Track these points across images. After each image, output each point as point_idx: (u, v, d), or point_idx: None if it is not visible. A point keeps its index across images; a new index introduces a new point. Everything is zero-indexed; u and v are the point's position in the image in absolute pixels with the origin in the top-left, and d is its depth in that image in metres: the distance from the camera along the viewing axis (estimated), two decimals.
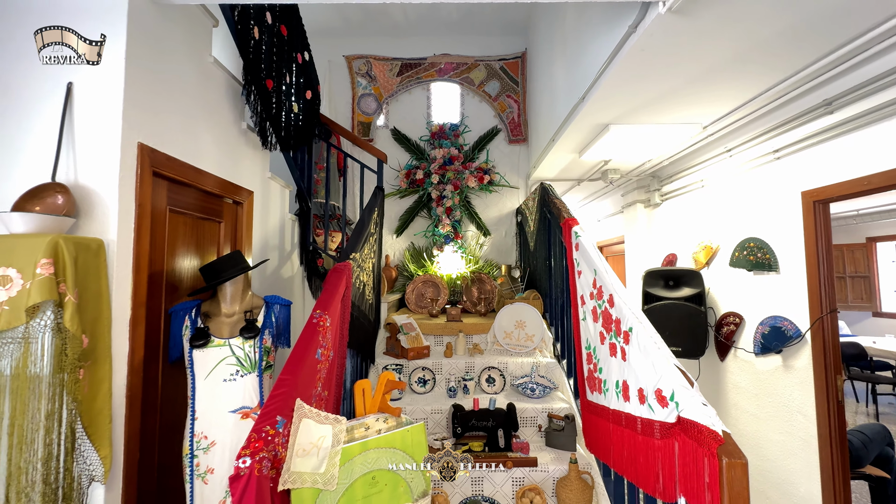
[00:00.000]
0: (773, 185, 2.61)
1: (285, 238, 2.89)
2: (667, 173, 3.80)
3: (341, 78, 4.37)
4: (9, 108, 1.42)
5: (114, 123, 1.41)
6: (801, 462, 2.40)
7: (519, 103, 4.38)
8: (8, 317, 1.17)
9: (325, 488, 1.29)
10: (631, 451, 1.58)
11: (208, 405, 1.54)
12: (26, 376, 1.17)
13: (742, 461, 1.06)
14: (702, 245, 3.30)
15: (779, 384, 2.57)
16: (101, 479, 1.28)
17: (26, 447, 1.15)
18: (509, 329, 2.89)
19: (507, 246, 4.35)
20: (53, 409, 1.17)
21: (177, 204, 1.76)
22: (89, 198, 1.39)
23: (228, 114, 2.13)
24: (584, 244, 2.11)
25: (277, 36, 2.39)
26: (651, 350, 1.46)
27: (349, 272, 1.98)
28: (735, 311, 2.94)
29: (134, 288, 1.46)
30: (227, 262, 1.68)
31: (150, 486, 1.58)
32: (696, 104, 2.47)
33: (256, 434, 1.15)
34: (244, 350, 1.61)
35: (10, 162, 1.41)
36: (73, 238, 1.26)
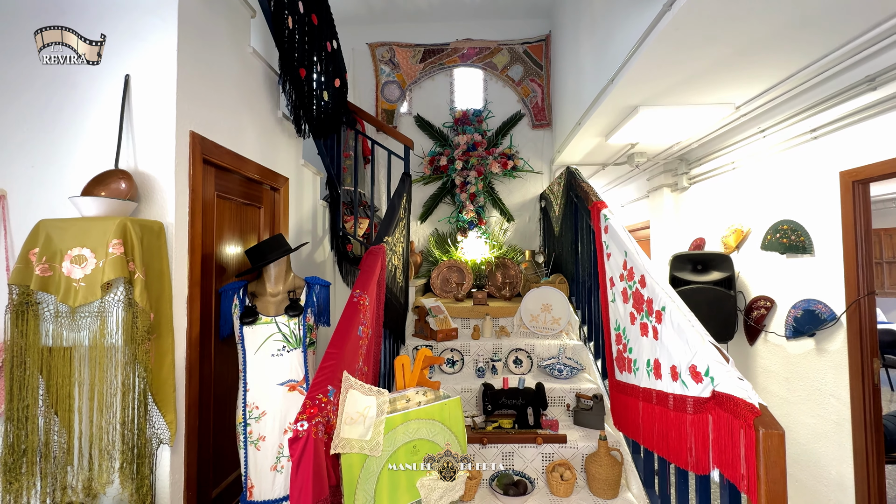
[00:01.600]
0: (810, 166, 2.55)
1: (317, 224, 2.99)
2: (696, 156, 3.73)
3: (365, 66, 4.41)
4: (68, 100, 1.52)
5: (168, 113, 1.50)
6: (833, 445, 2.39)
7: (543, 87, 4.34)
8: (84, 293, 1.28)
9: (371, 454, 1.38)
10: (662, 427, 1.61)
11: (258, 378, 1.65)
12: (103, 346, 1.28)
13: (779, 431, 1.09)
14: (732, 228, 3.25)
15: (811, 368, 2.55)
16: (168, 442, 1.40)
17: (106, 410, 1.27)
18: (535, 312, 2.93)
19: (530, 231, 4.36)
20: (127, 377, 1.29)
21: (223, 190, 1.85)
22: (149, 183, 1.49)
23: (266, 102, 2.21)
24: (613, 226, 2.12)
25: (309, 25, 2.45)
26: (685, 328, 1.49)
27: (384, 254, 2.05)
28: (766, 295, 2.90)
29: (190, 268, 1.56)
30: (272, 244, 1.77)
31: (207, 451, 1.71)
32: (729, 84, 2.43)
33: (311, 401, 1.24)
34: (289, 327, 1.70)
35: (71, 150, 1.51)
36: (138, 220, 1.36)
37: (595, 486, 1.92)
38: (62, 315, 1.30)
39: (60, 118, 1.50)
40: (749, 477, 1.13)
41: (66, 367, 1.30)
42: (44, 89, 1.51)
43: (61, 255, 1.30)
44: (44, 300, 1.31)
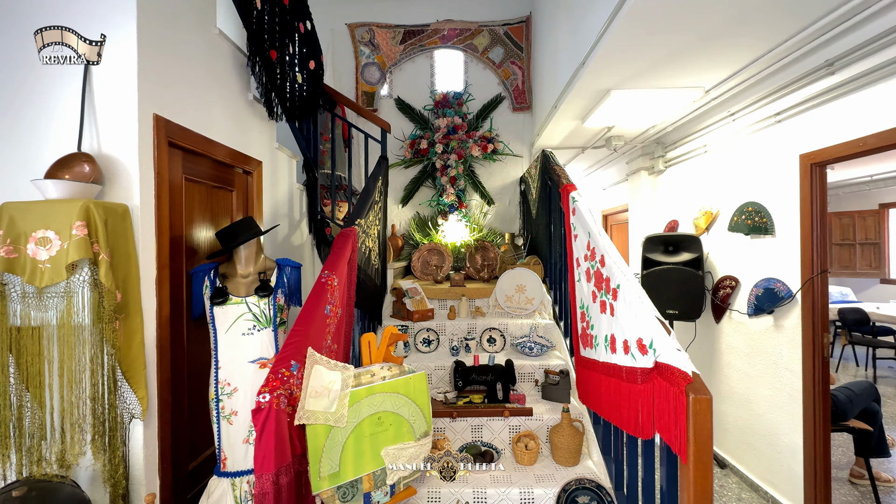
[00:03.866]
0: (773, 149, 2.62)
1: (294, 207, 3.01)
2: (671, 139, 3.79)
3: (344, 47, 4.36)
4: (33, 86, 1.52)
5: (130, 96, 1.51)
6: (786, 415, 2.53)
7: (523, 70, 4.34)
8: (50, 273, 1.31)
9: (336, 425, 1.45)
10: (615, 398, 1.71)
11: (230, 356, 1.71)
12: (70, 326, 1.32)
13: (707, 396, 1.18)
14: (702, 211, 3.34)
15: (770, 343, 2.68)
16: (139, 417, 1.46)
17: (75, 386, 1.32)
18: (510, 293, 3.01)
19: (510, 214, 4.41)
20: (96, 355, 1.33)
21: (192, 173, 1.87)
22: (113, 166, 1.51)
23: (235, 85, 2.20)
24: (580, 209, 2.18)
25: (279, 5, 2.42)
26: (635, 304, 1.57)
27: (355, 237, 2.09)
28: (731, 275, 3.01)
29: (157, 250, 1.59)
30: (241, 226, 1.81)
31: (182, 425, 1.77)
32: (697, 68, 2.47)
33: (274, 375, 1.30)
34: (259, 307, 1.75)
35: (37, 136, 1.52)
36: (101, 203, 1.39)
37: (558, 455, 2.02)
38: (29, 296, 1.34)
39: (21, 101, 1.50)
40: (680, 438, 1.23)
41: (35, 346, 1.34)
42: (2, 71, 1.50)
43: (25, 237, 1.32)
44: (10, 281, 1.34)
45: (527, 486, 1.83)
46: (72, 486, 1.36)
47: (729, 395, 3.06)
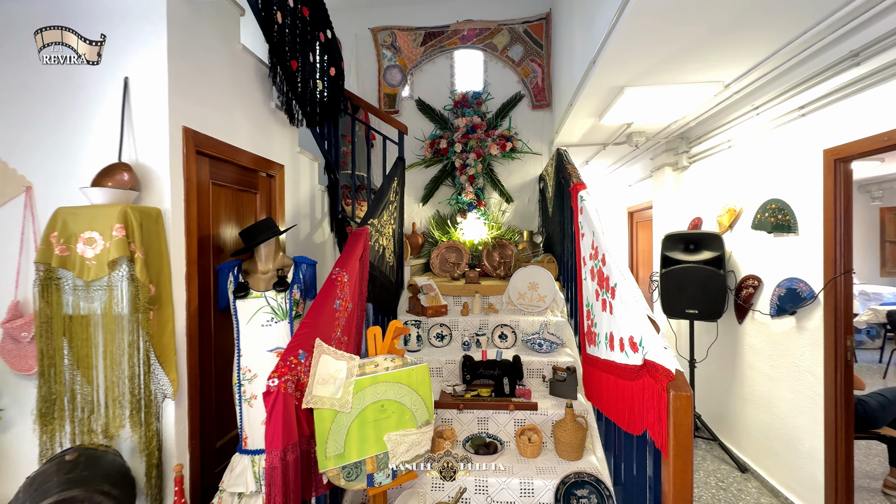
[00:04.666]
0: (797, 144, 2.52)
1: (315, 207, 3.18)
2: (695, 134, 3.69)
3: (367, 51, 4.51)
4: (75, 101, 1.72)
5: (162, 110, 1.68)
6: (808, 419, 2.45)
7: (543, 67, 4.33)
8: (95, 269, 1.51)
9: (341, 410, 1.58)
10: (613, 394, 1.75)
11: (250, 345, 1.87)
12: (112, 315, 1.52)
13: (686, 394, 1.21)
14: (725, 208, 3.24)
15: (792, 345, 2.59)
16: (171, 396, 1.64)
17: (116, 367, 1.51)
18: (523, 290, 3.06)
19: (529, 212, 4.43)
20: (133, 340, 1.52)
21: (218, 178, 2.05)
22: (148, 174, 1.69)
23: (258, 95, 2.37)
24: (587, 208, 2.21)
25: (300, 18, 2.57)
26: (629, 303, 1.60)
27: (366, 236, 2.22)
28: (754, 274, 2.92)
29: (186, 248, 1.77)
30: (261, 227, 1.97)
31: (209, 406, 1.96)
32: (714, 62, 2.41)
33: (283, 362, 1.44)
34: (277, 301, 1.91)
35: (78, 146, 1.72)
36: (137, 207, 1.57)
37: (560, 449, 2.07)
38: (79, 288, 1.54)
39: (70, 118, 1.72)
40: (662, 433, 1.26)
41: (84, 332, 1.55)
42: (51, 92, 1.72)
43: (76, 237, 1.52)
44: (63, 276, 1.55)
45: (527, 477, 1.90)
46: (114, 454, 1.56)
47: (751, 397, 2.98)
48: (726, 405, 3.29)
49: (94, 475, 1.37)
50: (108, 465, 1.46)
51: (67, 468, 1.37)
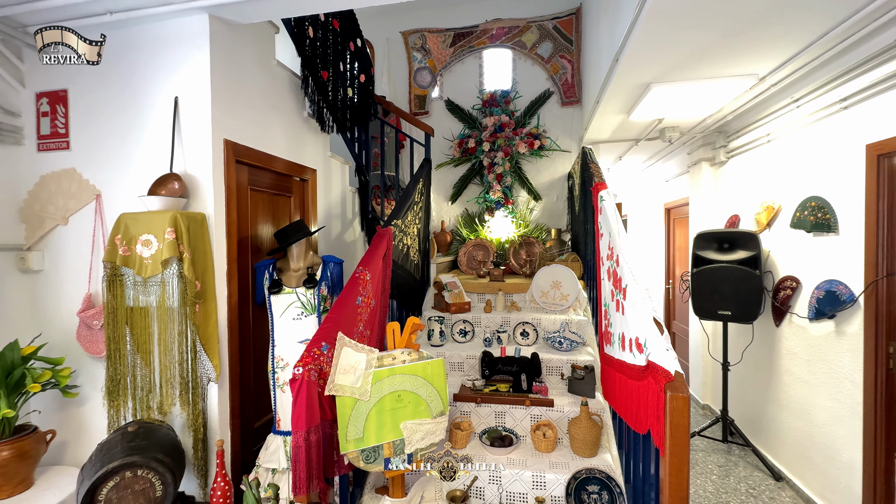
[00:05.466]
0: (838, 139, 2.39)
1: (347, 208, 3.36)
2: (733, 128, 3.53)
3: (398, 54, 4.64)
4: (137, 119, 1.96)
5: (206, 126, 1.89)
6: (847, 429, 2.34)
7: (573, 63, 4.28)
8: (151, 267, 1.73)
9: (361, 398, 1.72)
10: (623, 394, 1.78)
11: (283, 337, 2.06)
12: (165, 307, 1.74)
13: (683, 395, 1.24)
14: (764, 205, 3.10)
15: (830, 350, 2.47)
16: (214, 380, 1.86)
17: (168, 353, 1.73)
18: (546, 289, 3.09)
19: (558, 210, 4.41)
20: (182, 330, 1.74)
21: (255, 184, 2.25)
22: (195, 183, 1.91)
23: (292, 105, 2.56)
24: (605, 208, 2.22)
25: (331, 30, 2.74)
26: (638, 304, 1.62)
27: (390, 236, 2.35)
28: (792, 275, 2.79)
29: (227, 249, 1.98)
30: (293, 228, 2.15)
31: (248, 390, 2.18)
32: (746, 55, 2.32)
33: (307, 353, 1.60)
34: (307, 297, 2.08)
35: (138, 158, 1.96)
36: (185, 213, 1.78)
37: (575, 446, 2.12)
38: (138, 284, 1.77)
39: (131, 133, 1.96)
40: (659, 433, 1.30)
41: (143, 321, 1.78)
42: (118, 111, 1.97)
43: (135, 239, 1.75)
44: (126, 273, 1.79)
45: (540, 470, 1.96)
46: (167, 428, 1.79)
47: (787, 403, 2.86)
48: (761, 411, 3.16)
49: (150, 445, 1.59)
50: (162, 437, 1.68)
51: (129, 438, 1.60)
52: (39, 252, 2.06)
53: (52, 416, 2.04)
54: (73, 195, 2.02)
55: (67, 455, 2.05)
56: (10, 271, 2.02)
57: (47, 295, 2.06)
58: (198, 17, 1.87)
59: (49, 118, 2.06)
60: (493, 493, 1.97)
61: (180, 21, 1.89)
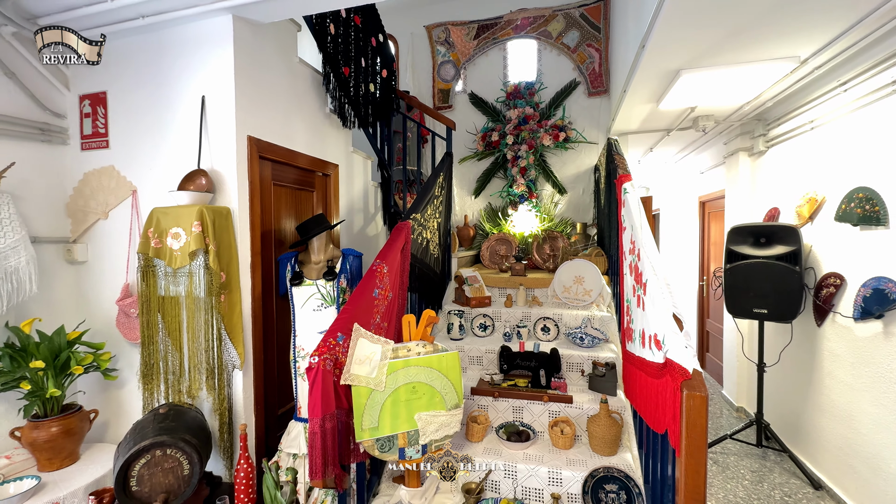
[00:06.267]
0: (890, 124, 2.20)
1: (369, 202, 3.41)
2: (773, 115, 3.32)
3: (422, 48, 4.64)
4: (167, 118, 2.06)
5: (230, 123, 1.96)
6: (894, 436, 2.17)
7: (600, 52, 4.15)
8: (180, 259, 1.82)
9: (376, 388, 1.75)
10: (643, 391, 1.73)
11: (304, 327, 2.12)
12: (192, 297, 1.83)
13: (701, 394, 1.19)
14: (806, 197, 2.91)
15: (877, 353, 2.29)
16: (239, 367, 1.94)
17: (195, 340, 1.82)
18: (568, 284, 3.03)
19: (584, 204, 4.31)
20: (208, 318, 1.82)
21: (278, 179, 2.32)
22: (220, 178, 1.99)
23: (314, 101, 2.62)
24: (628, 201, 2.15)
25: (352, 27, 2.77)
26: (658, 300, 1.57)
27: (408, 229, 2.37)
28: (836, 272, 2.61)
29: (251, 241, 2.05)
30: (313, 222, 2.20)
31: (272, 378, 2.26)
32: (786, 36, 2.17)
33: (323, 343, 1.64)
34: (326, 289, 2.13)
35: (168, 154, 2.06)
36: (211, 207, 1.86)
37: (594, 444, 2.07)
38: (168, 274, 1.88)
39: (162, 131, 2.06)
40: (675, 432, 1.25)
41: (173, 310, 1.88)
42: (151, 111, 2.08)
43: (166, 232, 1.85)
44: (158, 264, 1.89)
45: (556, 466, 1.94)
46: (196, 411, 1.89)
47: (829, 408, 2.68)
48: (800, 415, 2.98)
49: (179, 426, 1.68)
50: (190, 420, 1.78)
51: (160, 419, 1.70)
52: (83, 244, 2.22)
53: (95, 398, 2.19)
54: (112, 191, 2.15)
55: (109, 433, 2.21)
56: (58, 262, 2.18)
57: (90, 284, 2.21)
58: (222, 18, 1.94)
59: (91, 119, 2.19)
60: (508, 487, 1.97)
61: (206, 22, 1.96)
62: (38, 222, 2.09)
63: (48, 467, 1.85)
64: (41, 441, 1.81)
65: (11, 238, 1.82)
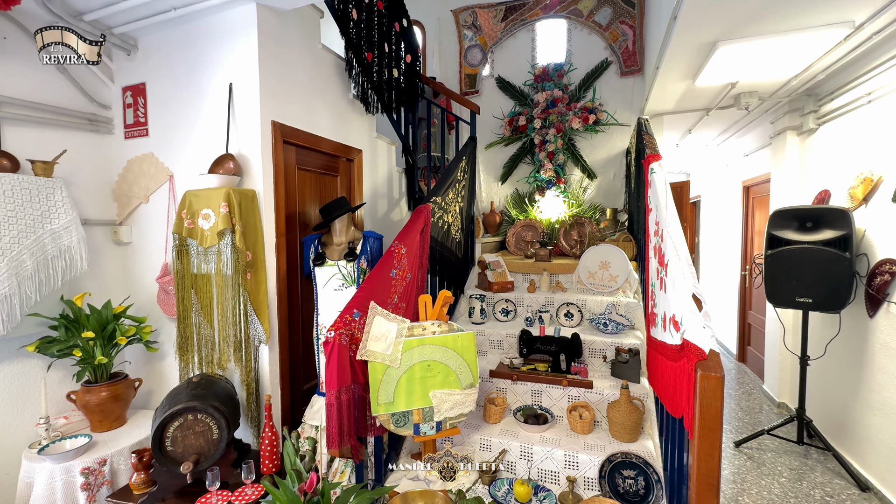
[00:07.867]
0: None
1: (393, 188, 3.45)
2: (826, 89, 3.06)
3: (449, 33, 4.60)
4: (199, 106, 2.17)
5: (255, 109, 2.04)
6: None
7: (634, 28, 3.95)
8: (210, 238, 1.93)
9: (391, 365, 1.79)
10: (663, 376, 1.67)
11: (326, 306, 2.20)
12: (221, 274, 1.94)
13: (716, 374, 1.14)
14: (860, 177, 2.68)
15: None
16: (264, 342, 2.04)
17: (224, 315, 1.93)
18: (593, 269, 2.95)
19: (615, 189, 4.16)
20: (235, 295, 1.93)
21: (303, 163, 2.40)
22: (247, 162, 2.08)
23: (337, 87, 2.67)
24: (655, 181, 2.07)
25: (376, 12, 2.78)
26: (678, 281, 1.51)
27: (428, 212, 2.38)
28: (893, 258, 2.39)
29: (276, 223, 2.14)
30: (335, 205, 2.26)
31: (297, 354, 2.37)
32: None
33: (340, 319, 1.69)
34: (347, 269, 2.20)
35: (200, 140, 2.18)
36: (238, 189, 1.95)
37: (613, 430, 2.03)
38: (200, 253, 1.99)
39: (194, 119, 2.18)
40: (688, 414, 1.21)
41: (205, 286, 2.01)
42: (184, 99, 2.19)
43: (197, 214, 1.96)
44: (191, 243, 2.01)
45: (573, 450, 1.92)
46: (226, 381, 2.01)
47: (880, 406, 2.49)
48: (847, 412, 2.78)
49: (209, 394, 1.80)
50: (220, 389, 1.90)
51: (193, 387, 1.82)
52: (128, 227, 2.39)
53: (141, 368, 2.38)
54: (152, 176, 2.30)
55: (153, 401, 2.39)
56: (106, 243, 2.36)
57: (134, 263, 2.39)
58: (246, 7, 2.01)
59: (132, 109, 2.35)
60: (523, 468, 1.97)
61: (232, 12, 2.04)
62: (87, 206, 2.27)
63: (99, 428, 2.04)
64: (93, 404, 2.00)
65: (64, 219, 1.99)
